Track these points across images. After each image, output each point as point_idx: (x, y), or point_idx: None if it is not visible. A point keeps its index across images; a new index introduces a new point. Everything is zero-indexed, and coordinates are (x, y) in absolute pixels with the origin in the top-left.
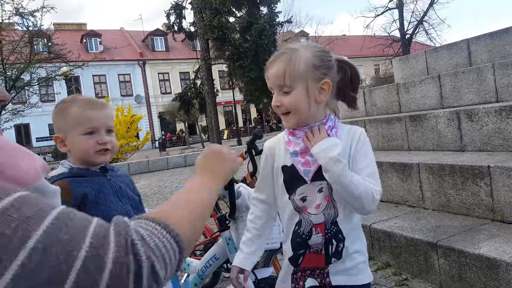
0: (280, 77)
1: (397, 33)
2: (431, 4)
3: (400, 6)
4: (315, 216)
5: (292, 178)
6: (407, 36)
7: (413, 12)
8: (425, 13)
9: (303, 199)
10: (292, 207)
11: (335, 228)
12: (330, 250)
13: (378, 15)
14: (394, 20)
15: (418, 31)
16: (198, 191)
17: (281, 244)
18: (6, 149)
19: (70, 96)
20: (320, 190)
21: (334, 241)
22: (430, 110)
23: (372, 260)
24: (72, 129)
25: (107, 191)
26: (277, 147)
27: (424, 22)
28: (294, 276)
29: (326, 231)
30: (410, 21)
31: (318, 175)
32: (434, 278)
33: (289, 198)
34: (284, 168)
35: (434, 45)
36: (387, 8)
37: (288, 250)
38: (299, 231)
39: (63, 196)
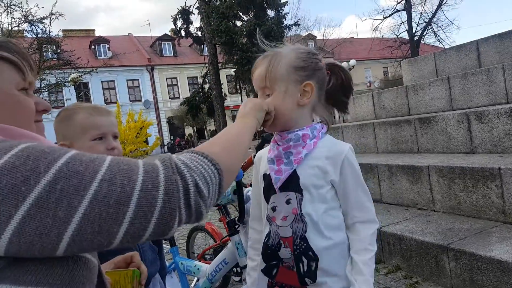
0: (261, 79)
1: (405, 35)
2: (439, 6)
3: (408, 8)
4: (283, 229)
5: (268, 186)
6: (416, 38)
7: (421, 13)
8: (434, 15)
9: (273, 209)
10: (265, 216)
11: (305, 244)
12: (301, 268)
13: (386, 17)
14: (403, 22)
15: (426, 33)
16: (233, 126)
17: None
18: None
19: (72, 104)
20: (288, 202)
21: (304, 258)
22: (439, 112)
23: (382, 263)
24: (79, 136)
25: None
26: (263, 156)
27: (432, 24)
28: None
29: (295, 247)
30: (418, 23)
31: (288, 185)
32: (445, 281)
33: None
34: (265, 176)
35: (443, 46)
36: (395, 10)
37: (261, 261)
38: (268, 242)
39: None
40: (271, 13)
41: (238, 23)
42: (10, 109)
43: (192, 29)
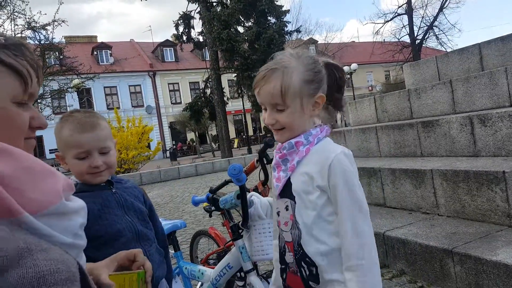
0: (275, 96)
1: (407, 39)
2: (441, 9)
3: (409, 12)
4: (286, 234)
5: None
6: (418, 41)
7: (423, 17)
8: (435, 18)
9: (278, 214)
10: (276, 220)
11: (301, 250)
12: (304, 273)
13: (388, 21)
14: (404, 26)
15: (428, 36)
16: None
17: None
18: (33, 170)
19: (67, 113)
20: (287, 208)
21: (303, 264)
22: (442, 115)
23: (386, 268)
24: (65, 151)
25: (111, 205)
26: None
27: (434, 27)
28: None
29: (295, 252)
30: (420, 26)
31: (285, 192)
32: (450, 285)
33: None
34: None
35: (445, 50)
36: (396, 14)
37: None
38: (278, 245)
39: None
40: (272, 19)
41: (240, 29)
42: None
43: (193, 34)
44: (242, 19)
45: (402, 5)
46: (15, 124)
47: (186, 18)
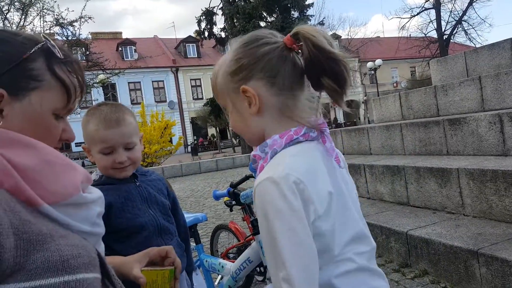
0: (216, 97)
1: (434, 34)
2: (470, 3)
3: (437, 6)
4: None
5: None
6: (445, 36)
7: (451, 11)
8: (464, 13)
9: None
10: None
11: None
12: None
13: (414, 15)
14: (431, 21)
15: (456, 31)
16: None
17: None
18: (55, 164)
19: (94, 106)
20: None
21: None
22: (470, 113)
23: (408, 267)
24: (91, 145)
25: (134, 198)
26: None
27: (463, 22)
28: None
29: None
30: (448, 21)
31: None
32: (475, 287)
33: None
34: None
35: (474, 45)
36: (423, 9)
37: None
38: None
39: None
40: (295, 13)
41: (262, 24)
42: (35, 129)
43: (215, 30)
44: (265, 14)
45: None
46: (50, 135)
47: (208, 14)
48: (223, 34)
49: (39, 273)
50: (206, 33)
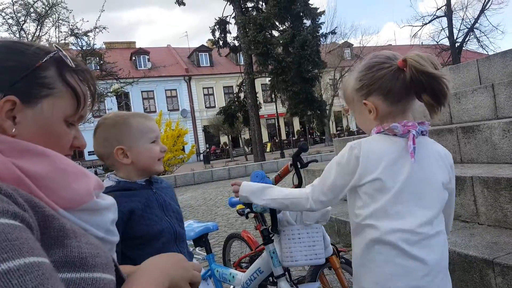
0: (344, 100)
1: (446, 42)
2: (482, 11)
3: (449, 14)
4: None
5: None
6: (457, 44)
7: (463, 19)
8: (476, 20)
9: None
10: None
11: None
12: None
13: (426, 23)
14: (443, 28)
15: (468, 39)
16: None
17: (326, 259)
18: (67, 171)
19: (114, 112)
20: None
21: None
22: (483, 121)
23: None
24: (138, 139)
25: (152, 205)
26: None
27: (475, 29)
28: None
29: None
30: (460, 29)
31: None
32: None
33: None
34: None
35: (486, 53)
36: (435, 17)
37: None
38: None
39: None
40: (307, 22)
41: (274, 33)
42: (47, 135)
43: (229, 38)
44: (277, 24)
45: (441, 7)
46: (61, 142)
47: (222, 23)
48: (236, 43)
49: (57, 267)
50: (221, 42)
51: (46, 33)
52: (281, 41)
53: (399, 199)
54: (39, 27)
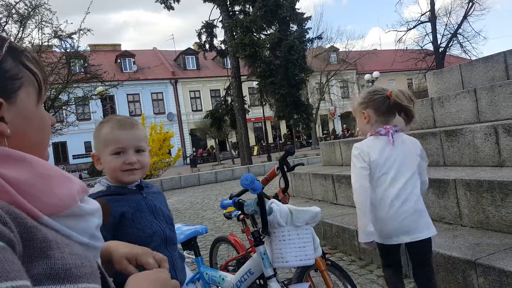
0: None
1: (430, 47)
2: (465, 17)
3: (433, 19)
4: None
5: None
6: (441, 49)
7: (446, 25)
8: (459, 26)
9: None
10: None
11: None
12: None
13: (410, 28)
14: (427, 34)
15: (452, 44)
16: None
17: (315, 260)
18: (49, 176)
19: (109, 116)
20: None
21: None
22: (466, 124)
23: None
24: (103, 149)
25: (143, 209)
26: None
27: (458, 35)
28: None
29: None
30: (443, 34)
31: None
32: None
33: None
34: None
35: (469, 58)
36: (419, 22)
37: None
38: None
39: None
40: (294, 26)
41: (261, 36)
42: (35, 125)
43: (215, 42)
44: (264, 26)
45: (425, 12)
46: (46, 125)
47: (208, 27)
48: (223, 46)
49: (41, 279)
50: (207, 46)
51: (28, 35)
52: (268, 43)
53: (387, 168)
54: (21, 28)
